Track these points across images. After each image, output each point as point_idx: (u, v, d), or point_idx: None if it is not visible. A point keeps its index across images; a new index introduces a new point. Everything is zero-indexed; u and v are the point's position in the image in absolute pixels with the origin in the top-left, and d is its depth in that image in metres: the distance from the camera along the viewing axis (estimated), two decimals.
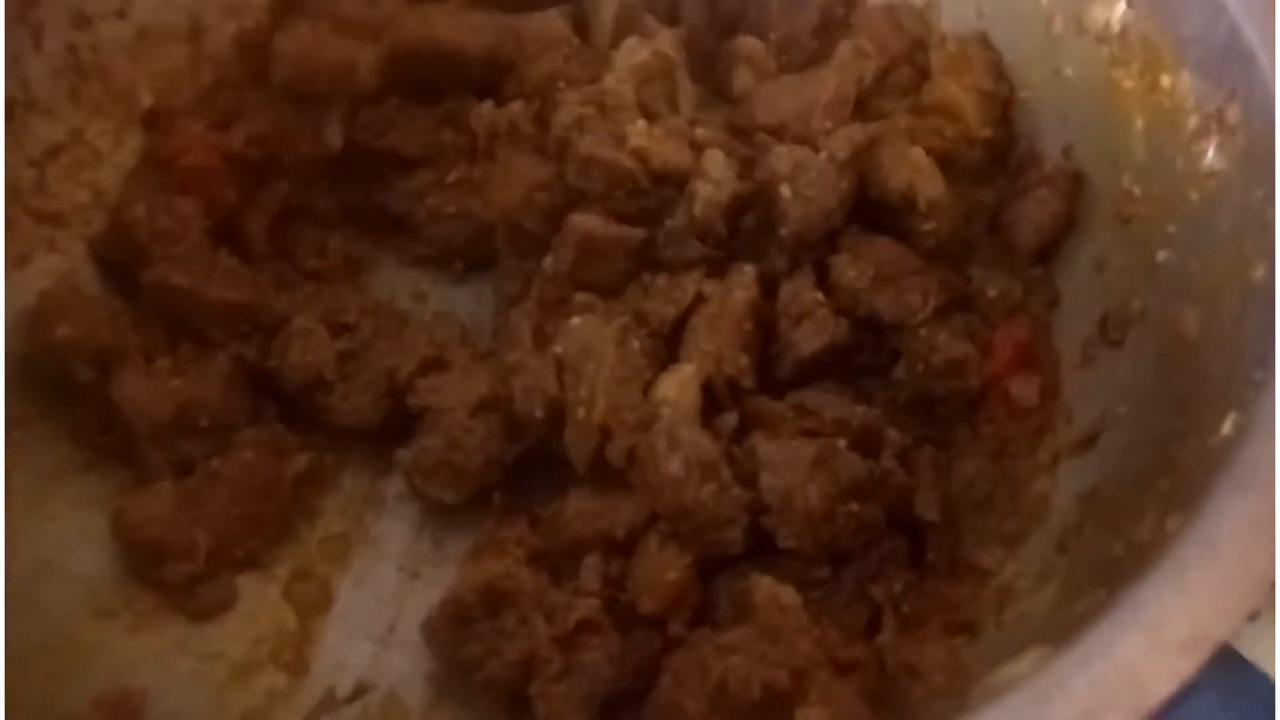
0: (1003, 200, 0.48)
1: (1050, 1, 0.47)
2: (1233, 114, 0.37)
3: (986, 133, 0.48)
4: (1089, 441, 0.38)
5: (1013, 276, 0.46)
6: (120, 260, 0.48)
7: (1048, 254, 0.46)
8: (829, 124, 0.47)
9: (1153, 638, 0.24)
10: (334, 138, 0.50)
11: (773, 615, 0.34)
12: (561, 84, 0.48)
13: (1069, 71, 0.47)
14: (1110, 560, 0.31)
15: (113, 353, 0.45)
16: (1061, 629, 0.26)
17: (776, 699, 0.32)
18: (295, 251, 0.51)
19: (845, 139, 0.45)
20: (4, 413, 0.42)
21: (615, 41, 0.49)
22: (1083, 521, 0.35)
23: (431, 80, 0.51)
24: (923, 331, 0.44)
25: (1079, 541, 0.35)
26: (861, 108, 0.49)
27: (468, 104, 0.50)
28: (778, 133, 0.47)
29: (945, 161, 0.47)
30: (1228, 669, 0.43)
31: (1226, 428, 0.29)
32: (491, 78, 0.50)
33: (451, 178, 0.50)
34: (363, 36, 0.49)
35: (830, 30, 0.52)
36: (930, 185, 0.46)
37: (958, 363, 0.43)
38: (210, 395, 0.45)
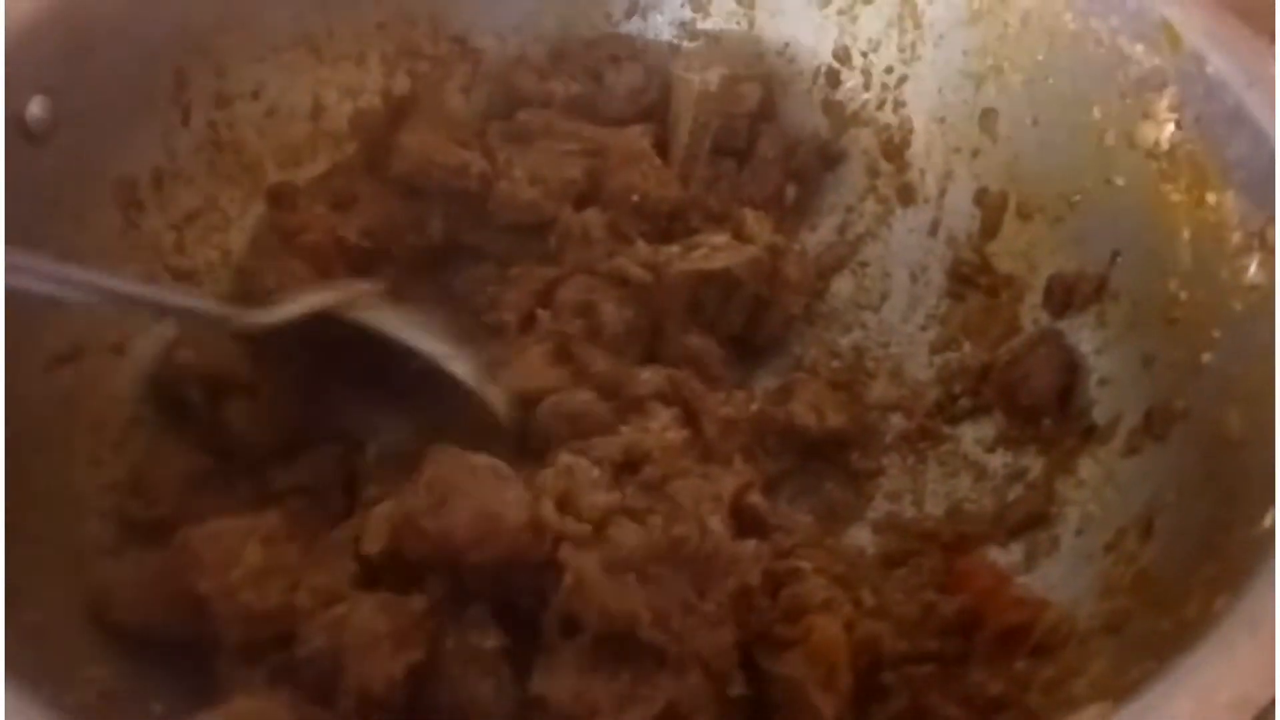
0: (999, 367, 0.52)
1: (1103, 116, 0.51)
2: (1272, 235, 0.41)
3: None
4: (1146, 530, 0.41)
5: None
6: None
7: (1065, 400, 0.50)
8: None
9: (1203, 699, 0.27)
10: (436, 232, 0.55)
11: None
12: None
13: (1120, 181, 0.51)
14: (1158, 635, 0.34)
15: (223, 382, 0.49)
16: (1119, 690, 0.30)
17: None
18: None
19: None
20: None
21: (688, 162, 0.54)
22: (1132, 605, 0.38)
23: None
24: None
25: (1129, 622, 0.38)
26: None
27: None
28: None
29: None
30: None
31: (1267, 521, 0.32)
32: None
33: (514, 271, 0.54)
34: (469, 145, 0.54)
35: None
36: None
37: None
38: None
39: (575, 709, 0.34)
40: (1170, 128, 0.48)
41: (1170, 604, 0.35)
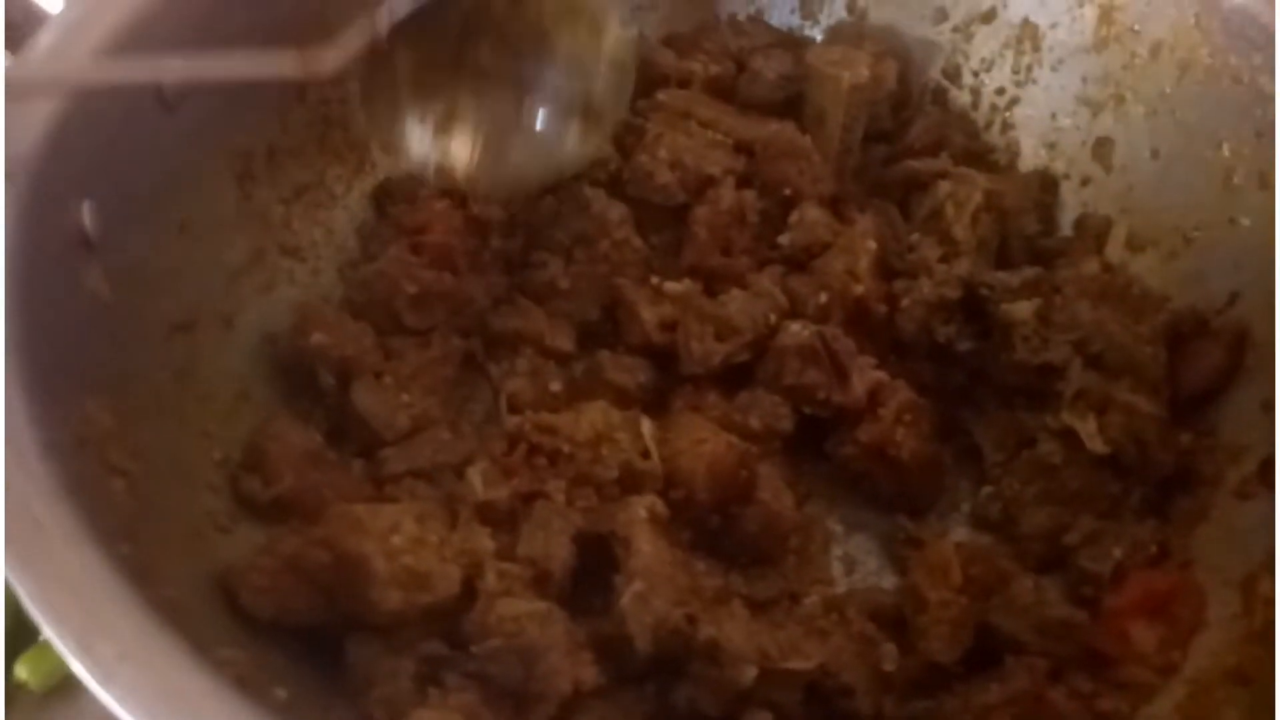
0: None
1: (1233, 154, 0.51)
2: None
3: None
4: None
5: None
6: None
7: (1209, 400, 0.49)
8: None
9: None
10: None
11: None
12: None
13: (1245, 221, 0.50)
14: None
15: (354, 365, 0.49)
16: None
17: None
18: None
19: None
20: None
21: (842, 156, 0.54)
22: (1264, 654, 0.38)
23: None
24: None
25: (1262, 672, 0.37)
26: None
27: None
28: None
29: None
30: None
31: None
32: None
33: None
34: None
35: None
36: None
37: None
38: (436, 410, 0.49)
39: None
40: None
41: None
